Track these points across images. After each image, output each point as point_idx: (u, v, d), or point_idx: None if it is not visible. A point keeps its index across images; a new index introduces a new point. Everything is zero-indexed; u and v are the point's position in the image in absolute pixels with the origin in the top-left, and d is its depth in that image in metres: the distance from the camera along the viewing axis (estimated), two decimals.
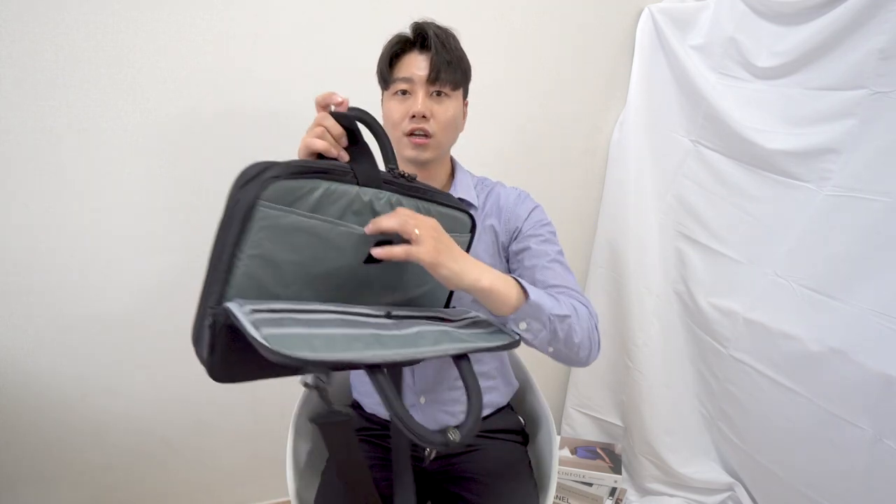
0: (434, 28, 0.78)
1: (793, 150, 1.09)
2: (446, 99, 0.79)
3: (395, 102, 0.79)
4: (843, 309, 1.00)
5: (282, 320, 0.46)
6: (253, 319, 0.44)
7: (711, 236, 1.30)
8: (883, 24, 0.93)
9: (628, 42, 1.35)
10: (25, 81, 0.96)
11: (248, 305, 0.47)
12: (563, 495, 1.43)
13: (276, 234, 0.51)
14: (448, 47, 0.77)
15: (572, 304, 0.73)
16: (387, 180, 0.61)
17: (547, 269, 0.81)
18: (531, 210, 0.87)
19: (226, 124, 1.10)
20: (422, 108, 0.76)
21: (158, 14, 0.99)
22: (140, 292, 1.16)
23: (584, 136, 1.42)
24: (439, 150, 0.81)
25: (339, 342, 0.47)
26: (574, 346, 0.71)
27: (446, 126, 0.80)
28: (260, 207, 0.50)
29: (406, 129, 0.78)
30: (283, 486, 0.85)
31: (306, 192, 0.52)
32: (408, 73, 0.78)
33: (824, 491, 1.06)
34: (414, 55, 0.78)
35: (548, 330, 0.68)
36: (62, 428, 1.20)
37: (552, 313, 0.67)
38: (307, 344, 0.44)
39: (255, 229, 0.50)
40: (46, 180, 1.03)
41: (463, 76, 0.81)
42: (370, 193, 0.58)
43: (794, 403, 1.10)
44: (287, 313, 0.48)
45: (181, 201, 1.12)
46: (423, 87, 0.77)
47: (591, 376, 1.60)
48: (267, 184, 0.50)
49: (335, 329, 0.49)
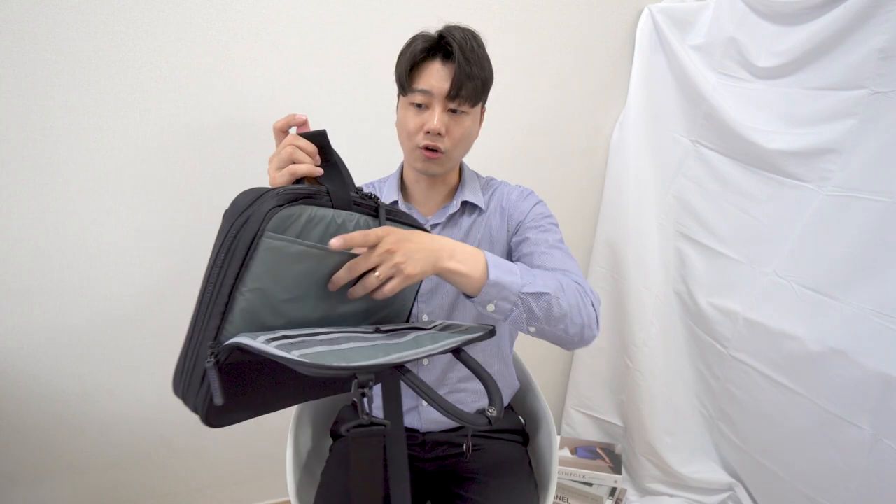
0: (459, 37, 0.74)
1: (793, 150, 1.09)
2: (465, 116, 0.77)
3: (412, 113, 0.77)
4: (843, 309, 1.00)
5: (303, 342, 0.46)
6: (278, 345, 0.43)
7: (711, 236, 1.30)
8: (883, 24, 0.93)
9: (628, 42, 1.35)
10: (25, 81, 0.96)
11: (261, 336, 0.46)
12: (563, 495, 1.43)
13: (277, 266, 0.51)
14: (471, 58, 0.74)
15: (558, 282, 0.69)
16: (356, 202, 0.61)
17: (545, 254, 0.78)
18: (533, 205, 0.87)
19: (226, 124, 1.10)
20: (438, 126, 0.74)
21: (158, 14, 0.99)
22: (140, 292, 1.16)
23: (584, 136, 1.42)
24: (449, 165, 0.81)
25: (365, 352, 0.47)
26: (557, 321, 0.67)
27: (460, 142, 0.79)
28: (265, 239, 0.49)
29: (420, 143, 0.77)
30: (283, 486, 0.85)
31: (296, 219, 0.52)
32: (427, 85, 0.75)
33: (824, 491, 1.06)
34: (436, 66, 0.75)
35: (521, 309, 0.65)
36: (62, 428, 1.20)
37: (523, 291, 0.65)
38: (340, 357, 0.44)
39: (258, 261, 0.49)
40: (46, 180, 1.03)
41: (483, 88, 0.78)
42: (343, 216, 0.58)
43: (794, 403, 1.10)
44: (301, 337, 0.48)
45: (181, 201, 1.12)
46: (441, 102, 0.75)
47: (591, 376, 1.60)
48: (271, 213, 0.49)
49: (351, 344, 0.49)
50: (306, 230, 0.53)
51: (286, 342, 0.45)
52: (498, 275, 0.64)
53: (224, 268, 0.49)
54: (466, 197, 0.86)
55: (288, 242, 0.51)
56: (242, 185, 1.24)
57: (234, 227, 0.49)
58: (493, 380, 0.58)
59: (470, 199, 0.86)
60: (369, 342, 0.52)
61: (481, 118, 0.85)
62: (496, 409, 0.52)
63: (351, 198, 0.60)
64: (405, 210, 0.83)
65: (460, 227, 0.87)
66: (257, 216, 0.49)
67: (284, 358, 0.41)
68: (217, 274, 0.49)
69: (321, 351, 0.44)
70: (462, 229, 0.87)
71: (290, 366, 0.41)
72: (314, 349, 0.44)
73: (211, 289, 0.50)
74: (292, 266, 0.53)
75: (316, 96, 1.13)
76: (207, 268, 0.51)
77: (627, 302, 1.44)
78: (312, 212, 0.54)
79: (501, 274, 0.64)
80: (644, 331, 1.42)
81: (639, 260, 1.41)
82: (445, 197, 0.89)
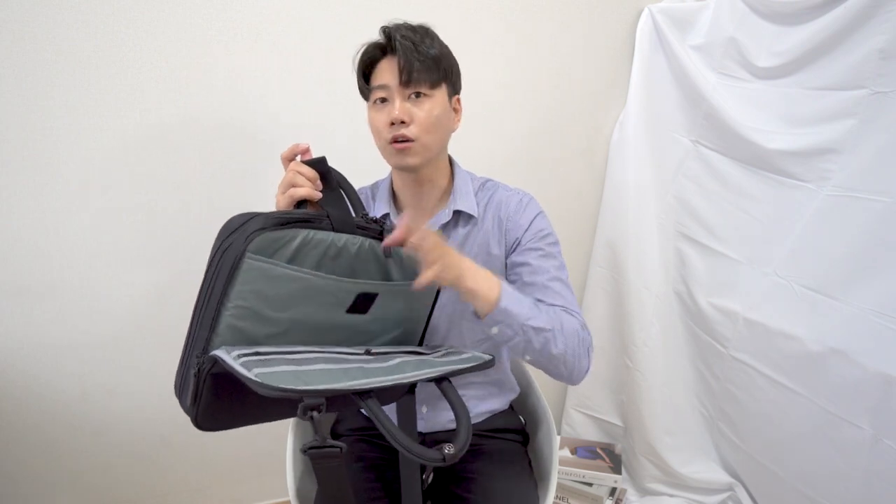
0: (403, 30, 0.74)
1: (793, 150, 1.09)
2: (426, 99, 0.75)
3: (375, 112, 0.77)
4: (843, 309, 1.00)
5: (270, 360, 0.48)
6: (243, 362, 0.46)
7: (711, 236, 1.30)
8: (883, 24, 0.93)
9: (628, 42, 1.35)
10: (25, 81, 0.96)
11: (236, 351, 0.49)
12: (563, 495, 1.43)
13: (261, 286, 0.53)
14: (420, 47, 0.73)
15: (560, 320, 0.75)
16: (360, 225, 0.63)
17: (547, 288, 0.80)
18: (532, 219, 0.84)
19: (226, 124, 1.10)
20: (399, 114, 0.73)
21: (158, 14, 0.99)
22: (140, 292, 1.16)
23: (584, 136, 1.42)
24: (426, 154, 0.78)
25: (329, 375, 0.50)
26: (552, 359, 0.74)
27: (429, 127, 0.76)
28: (247, 259, 0.51)
29: (388, 137, 0.75)
30: (283, 485, 0.85)
31: (287, 241, 0.54)
32: (382, 80, 0.75)
33: (824, 491, 1.06)
34: (386, 61, 0.76)
35: (521, 338, 0.72)
36: (62, 428, 1.20)
37: (527, 324, 0.71)
38: (298, 379, 0.46)
39: (240, 281, 0.52)
40: (46, 180, 1.03)
41: (443, 73, 0.76)
42: (344, 238, 0.60)
43: (794, 403, 1.10)
44: (273, 355, 0.50)
45: (181, 201, 1.12)
46: (398, 92, 0.74)
47: (592, 376, 1.58)
48: (253, 236, 0.51)
49: (322, 365, 0.52)
50: (301, 253, 0.56)
51: (255, 358, 0.48)
52: (508, 303, 0.70)
53: (211, 284, 0.53)
54: (459, 206, 0.83)
55: (271, 265, 0.53)
56: (242, 184, 1.24)
57: (222, 247, 0.53)
58: (468, 417, 0.60)
59: (462, 209, 0.83)
60: (344, 364, 0.54)
61: (458, 109, 0.83)
62: (455, 448, 0.53)
63: (354, 221, 0.62)
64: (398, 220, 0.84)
65: (453, 240, 0.85)
66: (241, 238, 0.52)
67: (243, 375, 0.44)
68: (206, 289, 0.53)
69: (282, 371, 0.47)
70: (455, 242, 0.85)
71: (246, 383, 0.44)
72: (277, 368, 0.47)
73: (202, 302, 0.54)
74: (280, 287, 0.55)
75: (316, 96, 1.13)
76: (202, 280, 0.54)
77: (627, 302, 1.44)
78: (309, 235, 0.56)
79: (511, 303, 0.71)
80: (644, 331, 1.42)
81: (639, 260, 1.41)
82: (437, 201, 0.86)
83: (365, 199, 0.90)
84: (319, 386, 0.46)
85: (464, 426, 0.58)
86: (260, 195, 1.16)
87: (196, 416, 0.52)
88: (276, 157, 0.66)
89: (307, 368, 0.49)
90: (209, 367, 0.50)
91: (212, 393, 0.51)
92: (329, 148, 1.17)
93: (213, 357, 0.49)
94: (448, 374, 0.64)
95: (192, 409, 0.52)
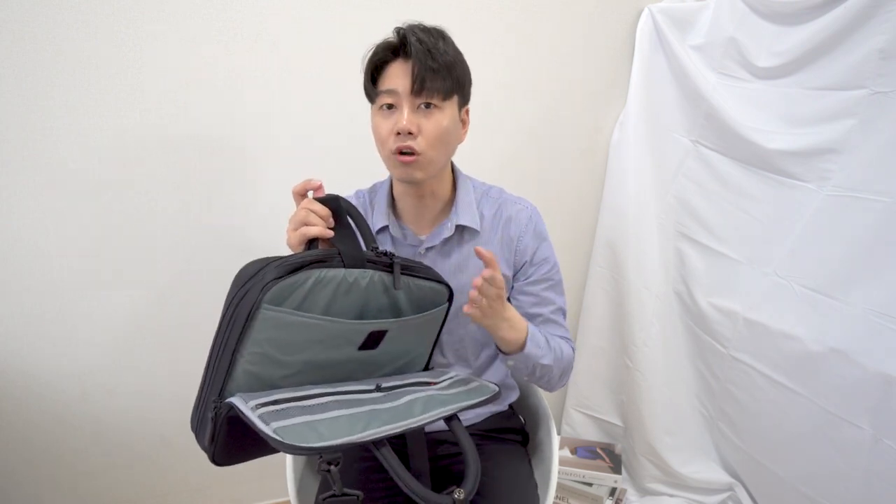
0: (418, 32, 0.70)
1: (793, 150, 1.09)
2: (436, 111, 0.72)
3: (381, 118, 0.73)
4: (843, 309, 1.00)
5: (286, 411, 0.50)
6: (260, 414, 0.48)
7: (711, 236, 1.30)
8: (883, 24, 0.93)
9: (628, 42, 1.35)
10: (25, 81, 0.96)
11: (253, 400, 0.50)
12: (563, 495, 1.43)
13: (275, 333, 0.55)
14: (435, 53, 0.69)
15: (561, 351, 0.82)
16: (370, 259, 0.64)
17: (551, 321, 0.86)
18: (538, 246, 0.85)
19: (226, 124, 1.10)
20: (407, 125, 0.69)
21: (158, 14, 0.99)
22: (140, 292, 1.16)
23: (584, 136, 1.42)
24: (431, 169, 0.74)
25: (342, 425, 0.51)
26: (545, 383, 0.84)
27: (436, 142, 0.72)
28: (262, 310, 0.53)
29: (392, 148, 0.71)
30: (283, 486, 0.85)
31: (298, 286, 0.56)
32: (391, 84, 0.71)
33: (824, 491, 1.06)
34: (397, 65, 0.72)
35: (529, 371, 0.81)
36: (62, 428, 1.20)
37: (539, 362, 0.79)
38: (314, 430, 0.48)
39: (256, 329, 0.53)
40: (46, 180, 1.03)
41: (456, 83, 0.73)
42: (355, 274, 0.61)
43: (794, 403, 1.10)
44: (288, 402, 0.52)
45: (181, 200, 1.12)
46: (407, 99, 0.70)
47: (591, 376, 1.59)
48: (269, 286, 0.53)
49: (335, 412, 0.53)
50: (313, 293, 0.57)
51: (271, 409, 0.50)
52: (530, 348, 0.78)
53: (227, 333, 0.54)
54: (461, 220, 0.81)
55: (285, 314, 0.55)
56: (242, 185, 1.24)
57: (237, 297, 0.54)
58: (477, 459, 0.62)
59: (465, 223, 0.81)
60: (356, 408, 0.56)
61: (465, 120, 0.80)
62: (465, 493, 0.55)
63: (364, 256, 0.64)
64: (398, 233, 0.84)
65: (458, 254, 0.83)
66: (256, 289, 0.53)
67: (261, 430, 0.46)
68: (222, 336, 0.55)
69: (300, 423, 0.49)
70: (460, 256, 0.83)
71: (265, 439, 0.46)
72: (294, 420, 0.49)
73: (218, 348, 0.55)
74: (294, 334, 0.56)
75: (316, 96, 1.13)
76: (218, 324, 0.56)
77: (627, 302, 1.44)
78: (321, 274, 0.57)
79: (532, 347, 0.78)
80: (644, 331, 1.42)
81: (639, 260, 1.41)
82: (439, 213, 0.84)
83: (362, 205, 0.88)
84: (335, 441, 0.48)
85: (472, 469, 0.60)
86: (260, 195, 1.16)
87: (213, 455, 0.55)
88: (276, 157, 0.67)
89: (322, 417, 0.51)
90: (226, 412, 0.51)
91: (228, 434, 0.53)
92: (329, 148, 1.17)
93: (230, 404, 0.51)
94: (455, 411, 0.65)
95: (209, 447, 0.54)
